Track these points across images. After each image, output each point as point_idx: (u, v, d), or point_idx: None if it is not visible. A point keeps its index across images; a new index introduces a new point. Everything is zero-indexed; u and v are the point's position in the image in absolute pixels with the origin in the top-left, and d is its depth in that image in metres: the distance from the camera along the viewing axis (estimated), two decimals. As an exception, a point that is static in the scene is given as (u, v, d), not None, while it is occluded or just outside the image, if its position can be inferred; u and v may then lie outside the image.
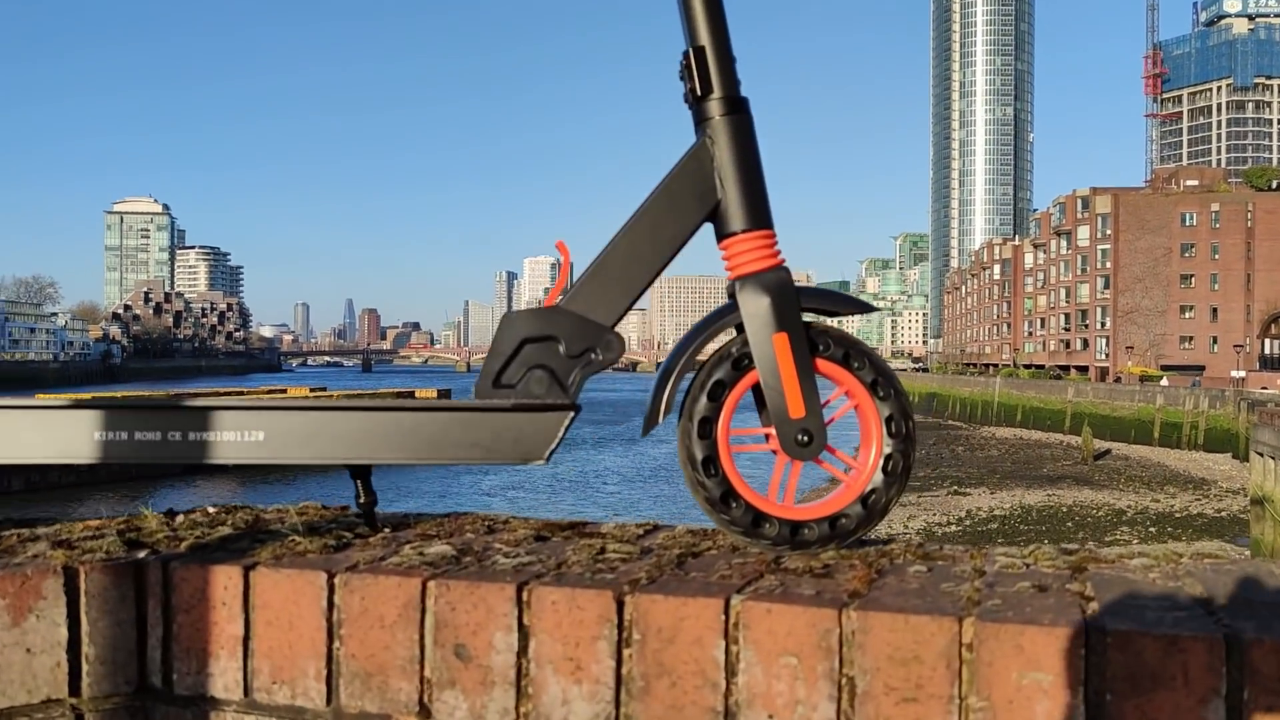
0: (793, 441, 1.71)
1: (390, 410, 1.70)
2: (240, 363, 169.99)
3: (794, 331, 1.70)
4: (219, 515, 2.06)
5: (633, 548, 1.72)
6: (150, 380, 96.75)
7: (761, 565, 1.62)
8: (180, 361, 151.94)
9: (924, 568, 1.62)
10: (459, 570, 1.57)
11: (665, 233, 1.73)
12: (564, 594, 1.47)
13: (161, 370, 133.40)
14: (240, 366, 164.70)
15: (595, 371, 1.73)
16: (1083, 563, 1.67)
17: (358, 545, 1.76)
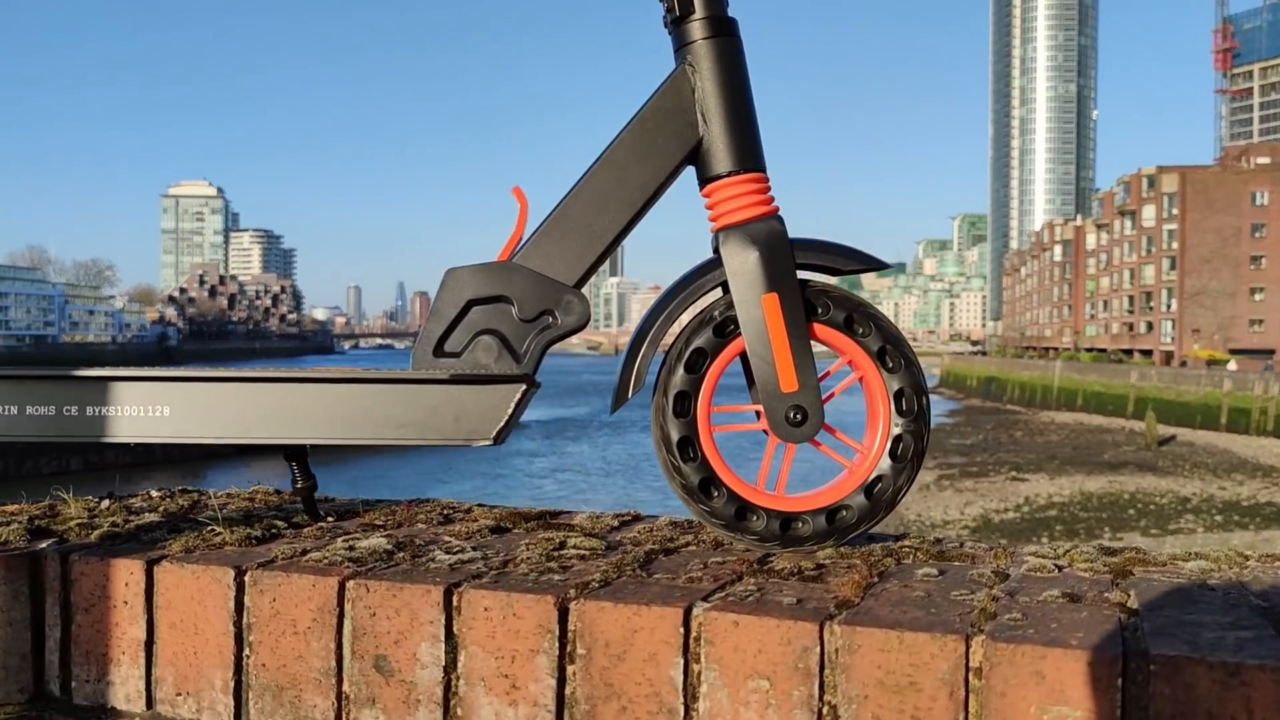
0: (783, 420, 1.47)
1: (309, 382, 1.48)
2: (293, 345, 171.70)
3: (786, 291, 1.46)
4: (158, 500, 1.86)
5: (598, 543, 1.49)
6: (206, 362, 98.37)
7: (742, 566, 1.38)
8: (235, 344, 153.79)
9: (935, 570, 1.37)
10: (386, 569, 1.35)
11: (637, 177, 1.49)
12: (499, 599, 1.24)
13: (216, 352, 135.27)
14: (293, 348, 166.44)
15: (555, 339, 1.50)
16: (1127, 565, 1.41)
17: (286, 537, 1.54)
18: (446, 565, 1.36)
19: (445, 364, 1.47)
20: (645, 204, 1.49)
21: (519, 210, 1.52)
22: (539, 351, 1.48)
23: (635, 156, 1.48)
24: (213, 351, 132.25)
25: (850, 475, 1.49)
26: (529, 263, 1.49)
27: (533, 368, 1.48)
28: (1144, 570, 1.40)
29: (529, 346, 1.48)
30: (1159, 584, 1.31)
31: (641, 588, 1.26)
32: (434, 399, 1.45)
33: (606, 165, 1.49)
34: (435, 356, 1.47)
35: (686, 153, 1.48)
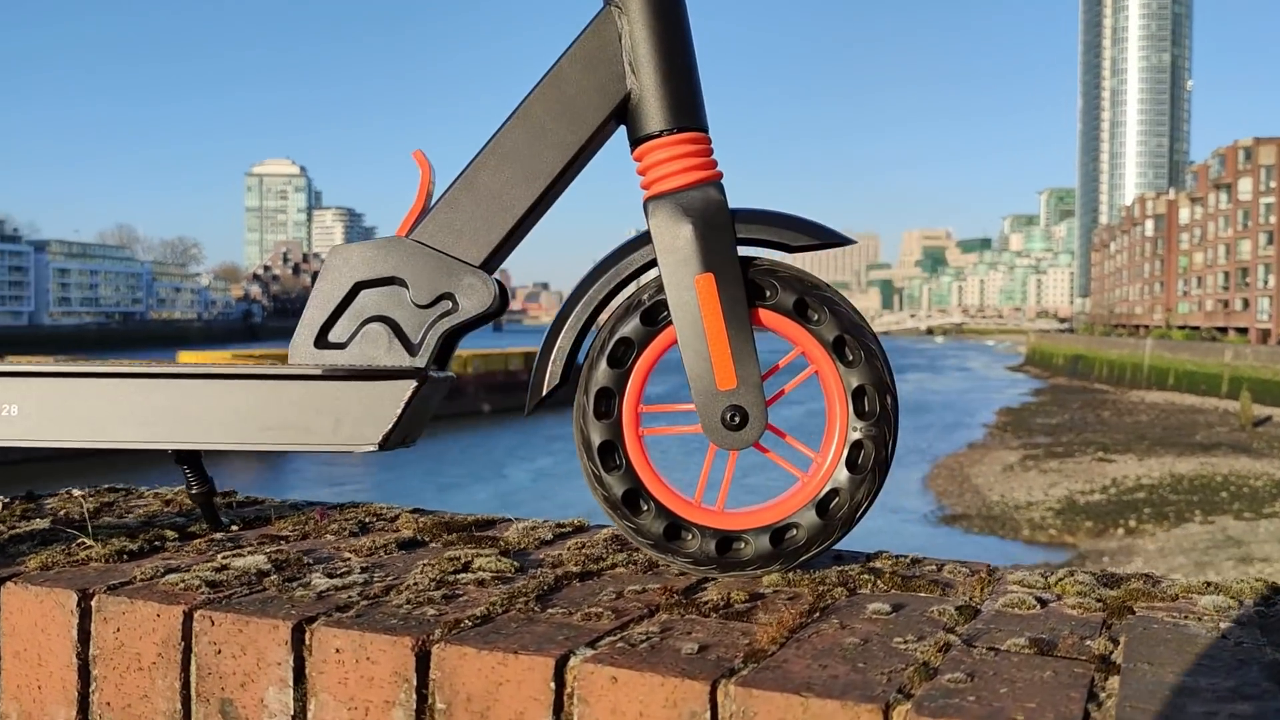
0: (719, 423, 1.26)
1: (170, 378, 1.30)
2: None
3: (723, 271, 1.24)
4: (63, 502, 1.71)
5: (509, 564, 1.30)
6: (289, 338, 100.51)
7: (662, 596, 1.18)
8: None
9: (890, 605, 1.15)
10: (245, 596, 1.17)
11: (554, 137, 1.28)
12: (352, 640, 1.05)
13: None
14: None
15: (459, 327, 1.30)
16: (1127, 600, 1.18)
17: (167, 551, 1.37)
18: (315, 594, 1.17)
19: (327, 357, 1.28)
20: (565, 169, 1.29)
21: (420, 178, 1.32)
22: (437, 342, 1.28)
23: (552, 114, 1.28)
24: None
25: (801, 488, 1.28)
26: (427, 239, 1.29)
27: (429, 360, 1.28)
28: (1148, 606, 1.17)
29: (425, 336, 1.28)
30: (1159, 629, 1.08)
31: (522, 628, 1.06)
32: (310, 398, 1.26)
33: (518, 125, 1.29)
34: (317, 348, 1.28)
35: (612, 109, 1.27)
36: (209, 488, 1.46)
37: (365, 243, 1.29)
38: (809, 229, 1.27)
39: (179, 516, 1.57)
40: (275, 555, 1.33)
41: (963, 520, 25.55)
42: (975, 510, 27.04)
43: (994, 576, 1.30)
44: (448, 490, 25.77)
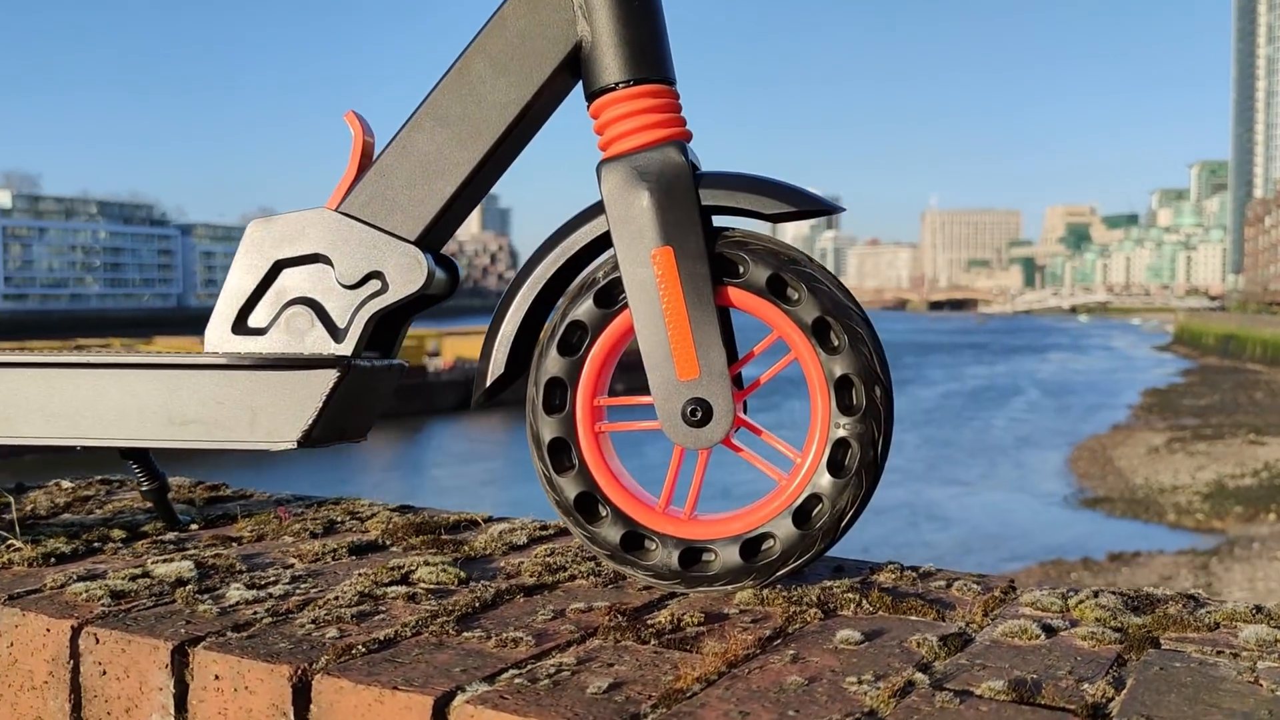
0: (679, 418, 1.10)
1: (72, 368, 1.19)
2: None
3: (684, 243, 1.08)
4: (37, 496, 1.65)
5: (456, 573, 1.17)
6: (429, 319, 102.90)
7: (606, 617, 1.03)
8: (455, 301, 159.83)
9: (861, 633, 0.98)
10: (144, 610, 1.06)
11: (497, 93, 1.13)
12: (231, 666, 0.93)
13: (437, 310, 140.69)
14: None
15: (388, 309, 1.16)
16: (1153, 630, 0.99)
17: (104, 554, 1.28)
18: (220, 609, 1.06)
19: (244, 344, 1.16)
20: (511, 130, 1.14)
21: (353, 142, 1.19)
22: (365, 326, 1.15)
23: (493, 68, 1.13)
24: (434, 309, 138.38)
25: (777, 494, 1.11)
26: (356, 211, 1.16)
27: (356, 347, 1.15)
28: (1177, 638, 0.97)
29: (353, 319, 1.15)
30: (1178, 669, 0.88)
31: (423, 655, 0.93)
32: (223, 391, 1.15)
33: (456, 82, 1.15)
34: (234, 334, 1.17)
35: (562, 59, 1.12)
36: (160, 484, 1.36)
37: (287, 215, 1.16)
38: (787, 194, 1.09)
39: (144, 514, 1.49)
40: (210, 560, 1.23)
41: (1104, 503, 24.53)
42: (1118, 493, 25.92)
43: (1007, 597, 1.12)
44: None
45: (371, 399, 1.22)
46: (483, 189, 1.19)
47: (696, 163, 1.13)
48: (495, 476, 26.31)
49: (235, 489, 1.71)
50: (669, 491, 1.13)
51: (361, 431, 1.24)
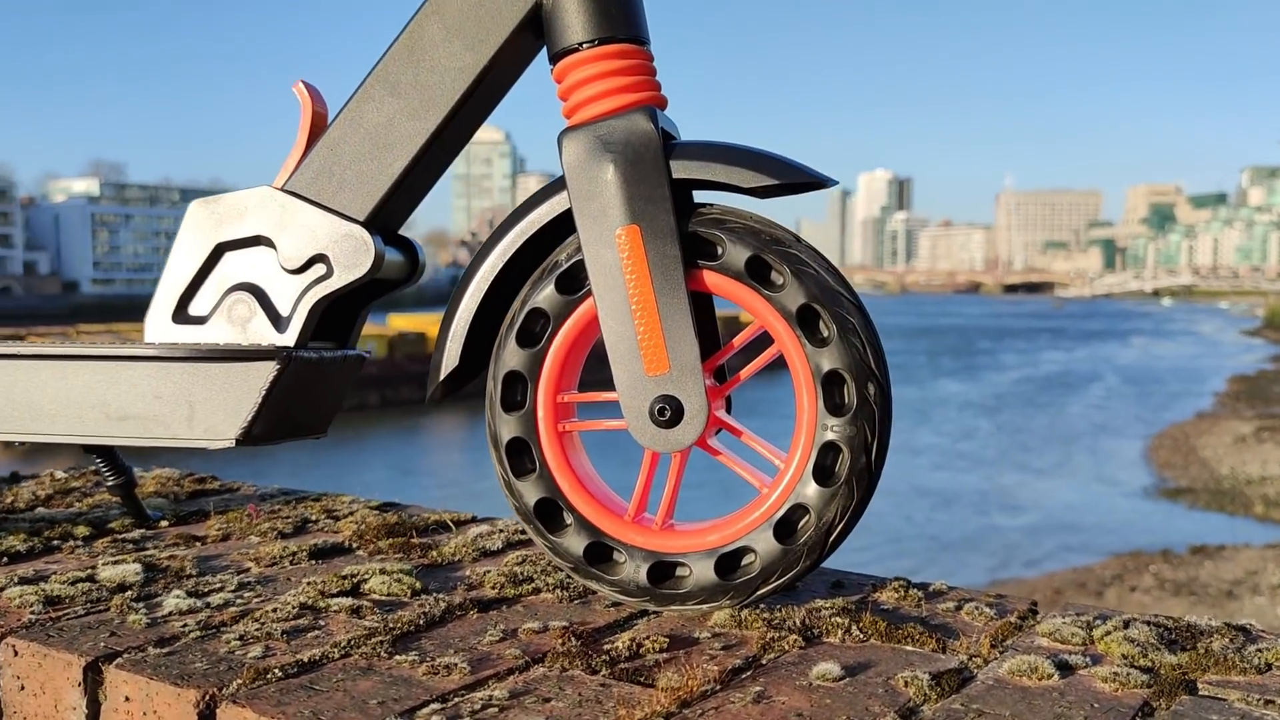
0: (646, 417, 0.99)
1: (7, 359, 1.11)
2: None
3: (653, 222, 0.97)
4: (50, 483, 1.59)
5: (411, 584, 1.07)
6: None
7: (560, 640, 0.92)
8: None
9: (838, 669, 0.86)
10: (77, 618, 0.98)
11: (450, 60, 1.03)
12: (140, 688, 0.85)
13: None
14: None
15: (332, 296, 1.06)
16: (1190, 671, 0.86)
17: (59, 553, 1.21)
18: (150, 619, 0.98)
19: (183, 333, 1.08)
20: (468, 96, 1.04)
21: (302, 114, 1.09)
22: (309, 315, 1.06)
23: (448, 29, 1.03)
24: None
25: (759, 503, 0.99)
26: (303, 189, 1.06)
27: (299, 337, 1.06)
28: (1219, 680, 0.84)
29: (296, 307, 1.06)
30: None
31: (345, 682, 0.84)
32: (159, 384, 1.06)
33: (408, 44, 1.04)
34: (174, 323, 1.08)
35: (521, 19, 1.01)
36: (126, 478, 1.29)
37: (231, 195, 1.07)
38: (767, 165, 0.97)
39: (119, 509, 1.42)
40: (163, 561, 1.16)
41: (1186, 495, 23.80)
42: (1201, 484, 25.17)
43: (1024, 623, 0.99)
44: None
45: (325, 392, 1.13)
46: (442, 163, 1.09)
47: (673, 131, 1.02)
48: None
49: (223, 481, 1.64)
50: (640, 499, 1.02)
51: (318, 426, 1.15)
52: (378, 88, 1.04)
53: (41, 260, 73.34)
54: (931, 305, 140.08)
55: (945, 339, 67.84)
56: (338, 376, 1.14)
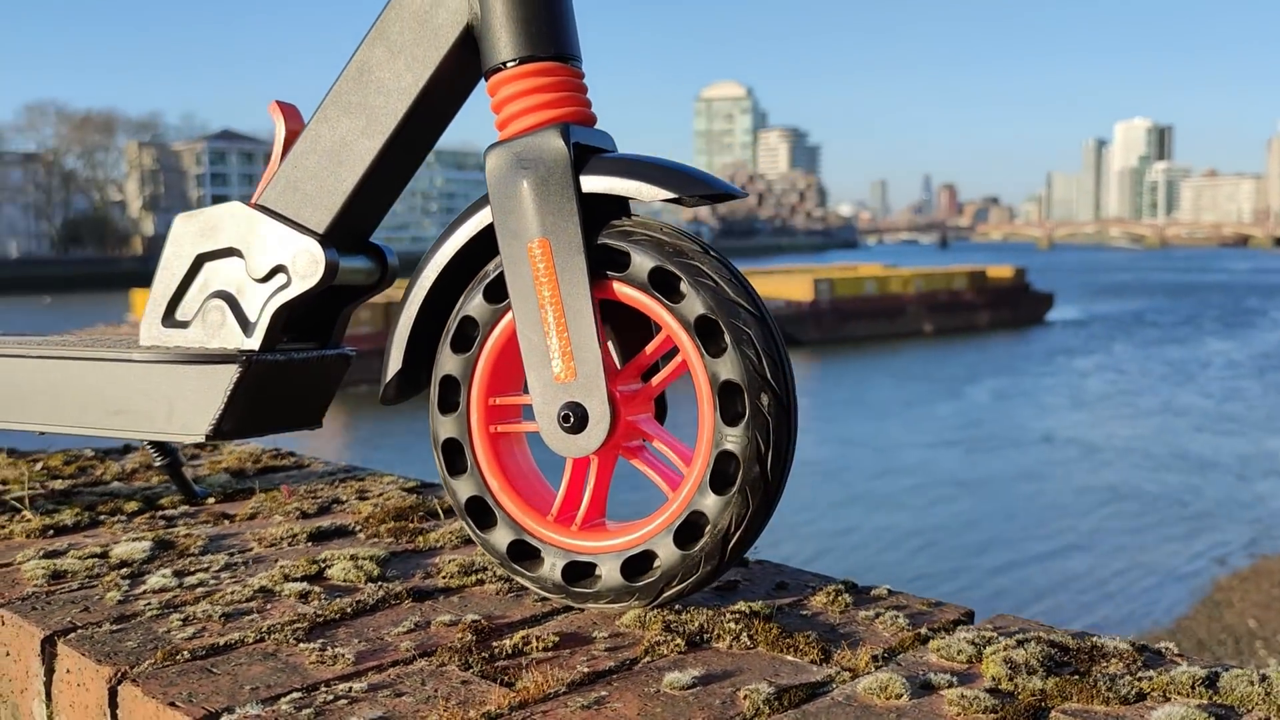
0: (554, 422, 1.02)
1: (16, 357, 1.25)
2: (818, 241, 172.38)
3: (560, 234, 1.00)
4: (96, 463, 1.77)
5: (370, 570, 1.15)
6: (735, 258, 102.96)
7: (457, 634, 0.98)
8: (761, 240, 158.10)
9: (688, 678, 0.88)
10: (71, 593, 1.12)
11: (395, 79, 1.08)
12: (76, 662, 0.97)
13: (746, 249, 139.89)
14: (817, 244, 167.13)
15: (291, 304, 1.14)
16: (1046, 701, 0.84)
17: (100, 527, 1.37)
18: (124, 596, 1.10)
19: (170, 337, 1.18)
20: (412, 114, 1.09)
21: (276, 133, 1.18)
22: (273, 320, 1.14)
23: (392, 51, 1.08)
24: (742, 249, 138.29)
25: (663, 509, 1.01)
26: (272, 204, 1.15)
27: (263, 341, 1.14)
28: (1074, 711, 0.82)
29: (262, 313, 1.15)
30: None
31: (243, 666, 0.92)
32: (146, 383, 1.17)
33: (357, 67, 1.11)
34: (164, 326, 1.19)
35: (456, 39, 1.06)
36: (173, 459, 1.43)
37: (208, 210, 1.17)
38: (670, 178, 0.98)
39: (169, 485, 1.57)
40: (179, 539, 1.28)
41: None
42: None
43: (934, 635, 0.97)
44: (914, 405, 25.54)
45: (304, 389, 1.22)
46: (399, 176, 1.15)
47: (602, 144, 1.04)
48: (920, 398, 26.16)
49: (297, 458, 1.78)
50: (563, 500, 1.06)
51: (305, 420, 1.24)
52: (332, 109, 1.11)
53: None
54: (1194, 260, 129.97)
55: (1210, 296, 62.86)
56: (317, 375, 1.22)
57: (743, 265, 16.38)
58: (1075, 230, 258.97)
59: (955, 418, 23.92)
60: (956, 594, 12.23)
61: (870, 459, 19.47)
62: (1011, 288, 50.64)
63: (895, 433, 22.22)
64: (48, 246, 78.79)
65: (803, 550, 13.17)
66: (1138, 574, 13.51)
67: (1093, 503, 16.81)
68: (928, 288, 46.74)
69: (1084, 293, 64.06)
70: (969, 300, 47.66)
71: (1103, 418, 24.85)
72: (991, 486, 17.53)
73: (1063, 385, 30.15)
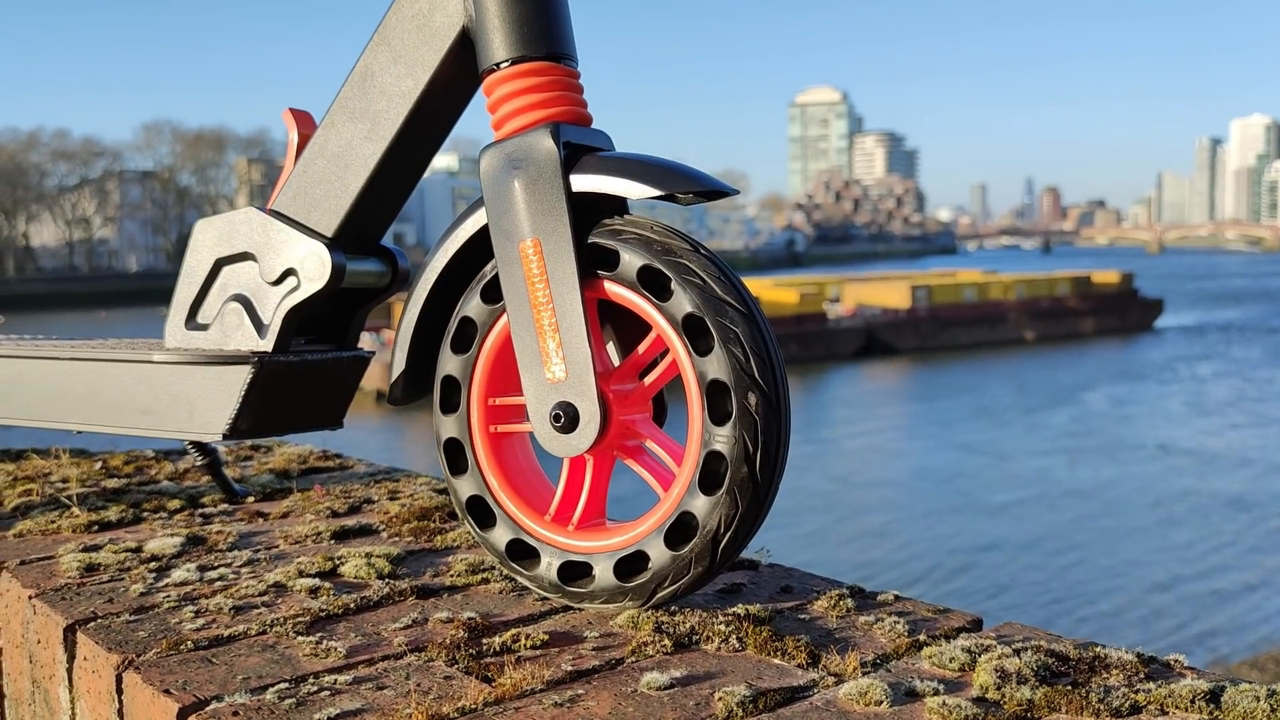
0: (546, 422, 1.03)
1: (30, 360, 1.31)
2: (916, 246, 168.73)
3: (551, 234, 1.01)
4: (110, 466, 1.83)
5: (381, 568, 1.18)
6: (830, 265, 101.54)
7: (450, 631, 0.99)
8: (858, 247, 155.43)
9: (667, 679, 0.88)
10: (101, 584, 1.16)
11: (396, 84, 1.11)
12: (92, 650, 1.01)
13: (841, 256, 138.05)
14: (915, 250, 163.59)
15: (301, 305, 1.17)
16: (1034, 712, 0.82)
17: (141, 523, 1.42)
18: (146, 588, 1.14)
19: (192, 339, 1.22)
20: (414, 117, 1.11)
21: (289, 140, 1.21)
22: (285, 322, 1.17)
23: (392, 56, 1.11)
24: (837, 256, 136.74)
25: (654, 510, 1.01)
26: (284, 209, 1.18)
27: (276, 342, 1.18)
28: None
29: (275, 315, 1.18)
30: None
31: (242, 657, 0.95)
32: (169, 383, 1.21)
33: (361, 73, 1.14)
34: (186, 329, 1.23)
35: (453, 42, 1.08)
36: (213, 459, 1.48)
37: (225, 215, 1.21)
38: (658, 176, 0.99)
39: (203, 487, 1.62)
40: (212, 535, 1.32)
41: None
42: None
43: (932, 642, 0.95)
44: (1033, 413, 25.32)
45: (320, 389, 1.25)
46: (405, 179, 1.17)
47: (597, 143, 1.05)
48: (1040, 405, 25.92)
49: (342, 459, 1.82)
50: (561, 499, 1.07)
51: (325, 420, 1.27)
52: (338, 114, 1.14)
53: (408, 232, 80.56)
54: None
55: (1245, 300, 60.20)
56: (333, 375, 1.25)
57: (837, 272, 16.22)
58: (1187, 233, 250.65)
59: (1069, 425, 23.59)
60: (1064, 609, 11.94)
61: (990, 466, 19.38)
62: (1118, 294, 49.25)
63: (1016, 439, 21.96)
64: (164, 260, 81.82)
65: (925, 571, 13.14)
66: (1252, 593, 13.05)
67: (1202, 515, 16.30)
68: (1029, 294, 45.73)
69: (1196, 299, 61.84)
70: (1073, 307, 46.50)
71: (1219, 426, 24.02)
72: (1104, 497, 17.16)
73: (1178, 393, 29.27)
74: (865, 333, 39.86)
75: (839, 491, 17.55)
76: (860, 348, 38.76)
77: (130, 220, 79.55)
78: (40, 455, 1.89)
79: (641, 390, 1.05)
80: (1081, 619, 11.75)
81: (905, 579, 12.85)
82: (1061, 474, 18.74)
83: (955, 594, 12.29)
